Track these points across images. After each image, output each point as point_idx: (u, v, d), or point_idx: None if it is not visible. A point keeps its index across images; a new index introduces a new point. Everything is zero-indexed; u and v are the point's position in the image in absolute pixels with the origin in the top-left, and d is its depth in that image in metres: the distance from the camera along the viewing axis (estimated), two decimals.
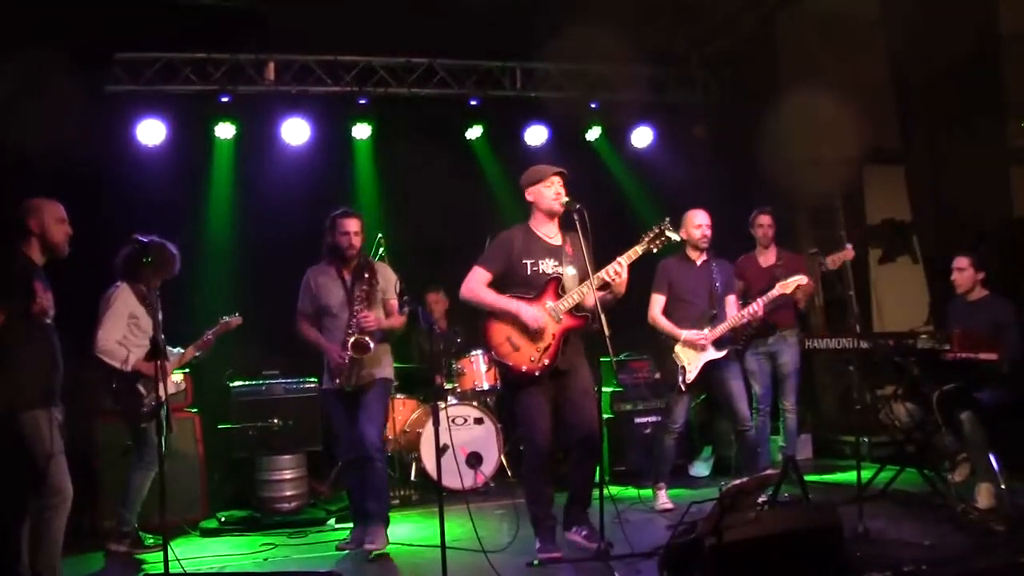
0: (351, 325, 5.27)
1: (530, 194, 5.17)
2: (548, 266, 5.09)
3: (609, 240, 5.27)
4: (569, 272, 5.08)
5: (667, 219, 5.14)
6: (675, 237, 5.15)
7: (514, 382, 5.08)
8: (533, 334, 4.96)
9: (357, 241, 5.41)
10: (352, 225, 5.41)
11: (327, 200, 7.87)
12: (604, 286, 4.96)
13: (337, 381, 5.31)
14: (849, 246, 6.59)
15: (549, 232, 5.17)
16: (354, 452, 5.34)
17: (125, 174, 7.32)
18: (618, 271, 4.92)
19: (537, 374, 4.96)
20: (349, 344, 5.22)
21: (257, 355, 7.11)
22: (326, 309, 5.39)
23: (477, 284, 5.07)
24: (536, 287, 5.04)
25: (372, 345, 5.23)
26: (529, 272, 5.06)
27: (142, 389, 5.54)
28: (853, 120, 7.34)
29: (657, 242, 5.05)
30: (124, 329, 5.56)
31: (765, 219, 6.80)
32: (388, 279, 5.49)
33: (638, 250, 5.03)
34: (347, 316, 5.31)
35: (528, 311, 4.95)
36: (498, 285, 5.09)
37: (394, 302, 5.39)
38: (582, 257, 5.05)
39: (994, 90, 6.80)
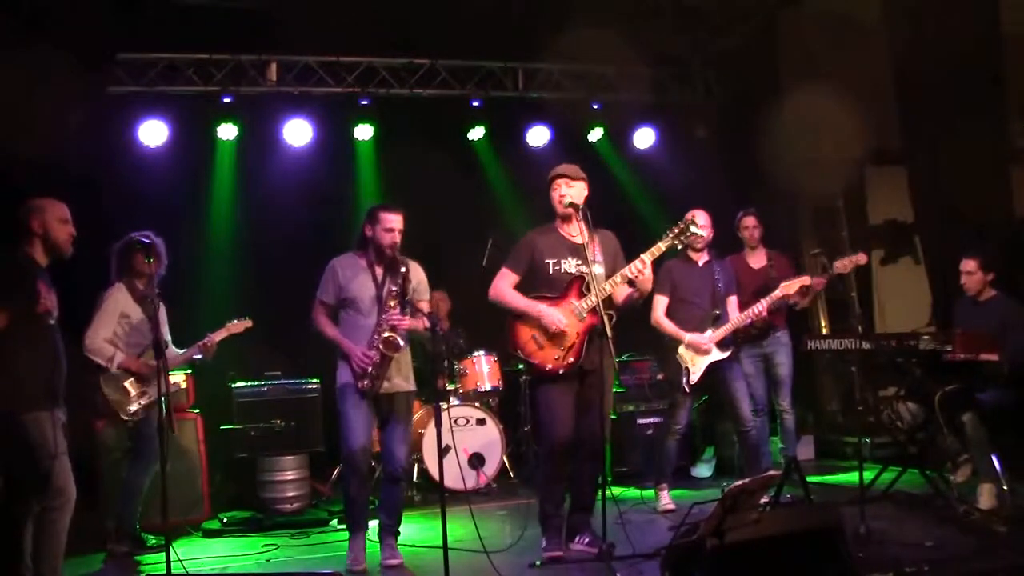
0: (381, 323, 5.05)
1: (550, 196, 5.20)
2: (571, 265, 5.07)
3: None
4: (596, 270, 5.02)
5: (692, 215, 5.19)
6: (701, 232, 5.17)
7: (539, 379, 5.11)
8: (556, 333, 4.97)
9: (398, 239, 5.11)
10: (398, 221, 5.10)
11: (329, 201, 7.94)
12: (628, 284, 4.98)
13: (363, 383, 5.04)
14: (862, 253, 6.55)
15: (572, 231, 5.15)
16: (365, 455, 5.11)
17: (127, 175, 7.31)
18: (640, 268, 4.92)
19: (561, 372, 4.98)
20: (380, 342, 5.00)
21: (259, 356, 7.11)
22: (353, 303, 5.12)
23: (504, 286, 5.13)
24: (559, 286, 5.05)
25: (402, 344, 5.04)
26: (551, 271, 5.08)
27: (129, 388, 5.53)
28: (855, 120, 7.34)
29: (682, 237, 5.02)
30: (113, 327, 5.54)
31: (750, 220, 6.81)
32: (421, 279, 5.27)
33: (661, 246, 4.99)
34: (376, 316, 5.08)
35: (549, 314, 4.96)
36: (524, 285, 5.13)
37: (424, 303, 5.18)
38: (613, 256, 5.14)
39: (994, 90, 6.80)
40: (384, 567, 5.09)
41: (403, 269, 5.06)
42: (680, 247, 5.12)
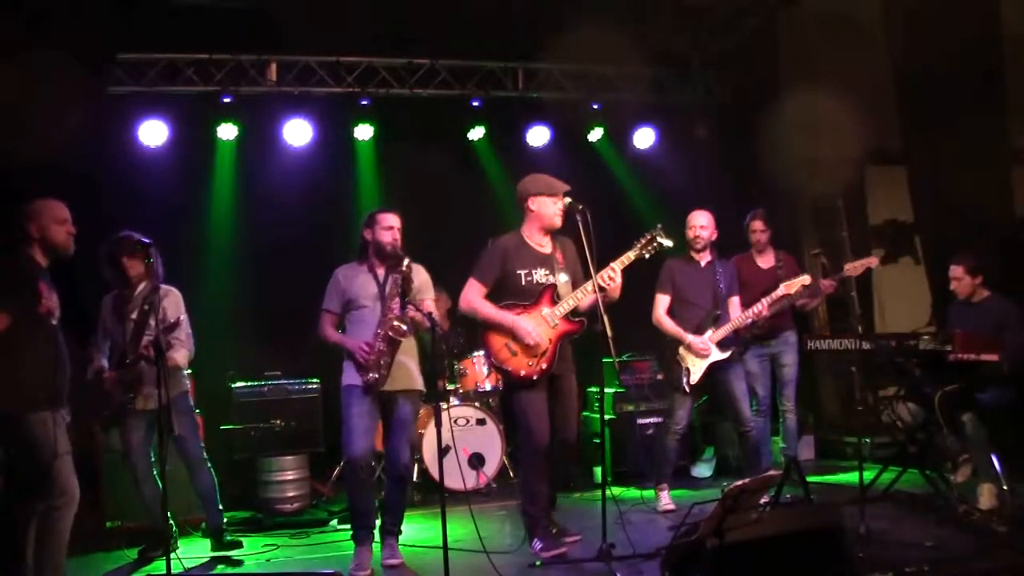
0: (386, 312, 5.06)
1: (533, 203, 5.27)
2: (540, 275, 5.20)
3: (611, 241, 5.28)
4: (562, 279, 5.23)
5: (659, 225, 5.26)
6: (667, 243, 5.28)
7: (514, 385, 5.20)
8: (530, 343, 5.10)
9: (398, 237, 5.18)
10: (396, 220, 5.20)
11: (329, 201, 7.94)
12: (599, 290, 5.01)
13: (369, 376, 5.03)
14: (874, 256, 6.55)
15: (541, 242, 5.29)
16: (366, 460, 5.09)
17: (127, 175, 7.31)
18: (612, 276, 5.05)
19: (535, 378, 5.12)
20: (388, 327, 4.99)
21: (259, 356, 7.12)
22: (355, 302, 5.16)
23: (474, 297, 5.21)
24: (531, 295, 5.18)
25: (406, 328, 5.02)
26: (523, 282, 5.19)
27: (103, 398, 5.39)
28: (854, 120, 7.33)
29: (649, 248, 5.19)
30: (102, 338, 5.48)
31: (758, 224, 6.81)
32: (424, 279, 5.28)
33: (630, 256, 5.16)
34: (380, 310, 5.10)
35: (524, 326, 5.09)
36: (494, 294, 5.22)
37: (428, 302, 5.18)
38: (574, 264, 5.26)
39: (994, 90, 6.80)
40: (384, 567, 5.09)
41: (405, 262, 5.04)
42: (648, 256, 5.22)
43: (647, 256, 5.21)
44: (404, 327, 5.03)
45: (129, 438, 5.41)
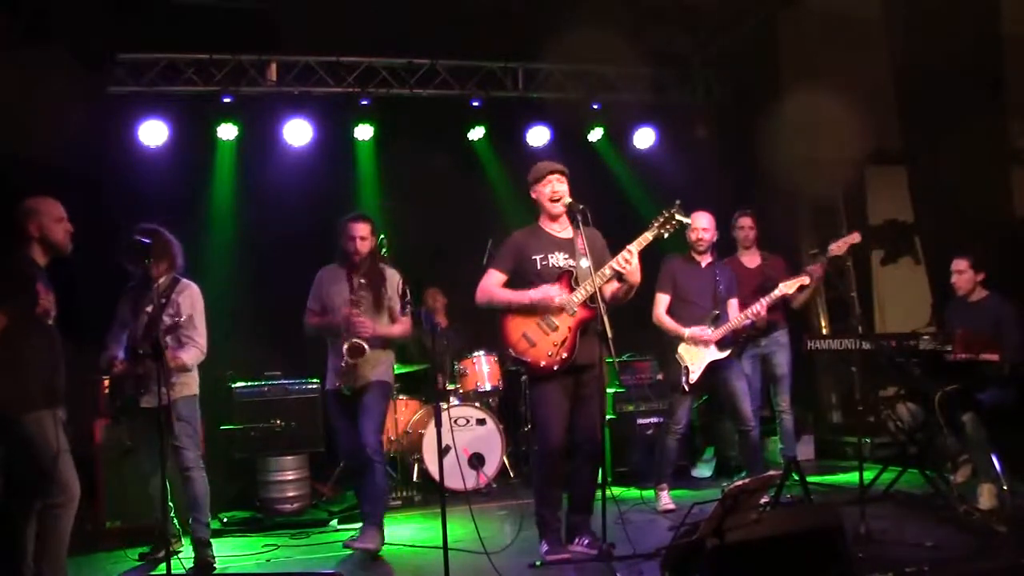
0: (348, 328, 5.30)
1: (533, 192, 5.18)
2: (559, 259, 5.04)
3: (612, 241, 5.27)
4: (583, 264, 5.00)
5: (678, 202, 5.00)
6: (685, 220, 5.06)
7: (533, 378, 5.07)
8: (548, 326, 4.92)
9: (364, 246, 5.39)
10: (360, 230, 5.41)
11: (329, 201, 7.92)
12: (616, 277, 4.94)
13: (338, 384, 5.40)
14: (855, 232, 6.51)
15: (556, 228, 5.15)
16: (354, 455, 5.43)
17: (127, 175, 7.32)
18: (628, 259, 4.85)
19: (556, 368, 4.92)
20: (344, 349, 5.24)
21: (259, 356, 7.12)
22: (333, 311, 5.44)
23: (491, 285, 5.07)
24: (548, 281, 5.00)
25: (367, 348, 5.24)
26: (539, 267, 5.03)
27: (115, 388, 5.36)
28: (855, 120, 7.34)
29: (668, 226, 4.95)
30: (120, 332, 5.45)
31: (747, 221, 6.79)
32: (393, 284, 5.39)
33: (648, 236, 4.93)
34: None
35: (538, 292, 4.92)
36: (511, 285, 5.08)
37: (398, 308, 5.26)
38: (599, 251, 5.08)
39: (994, 90, 6.79)
40: (357, 548, 5.27)
41: (370, 279, 5.34)
42: (666, 236, 5.00)
43: (666, 235, 4.96)
44: (365, 347, 5.26)
45: (136, 434, 5.41)
